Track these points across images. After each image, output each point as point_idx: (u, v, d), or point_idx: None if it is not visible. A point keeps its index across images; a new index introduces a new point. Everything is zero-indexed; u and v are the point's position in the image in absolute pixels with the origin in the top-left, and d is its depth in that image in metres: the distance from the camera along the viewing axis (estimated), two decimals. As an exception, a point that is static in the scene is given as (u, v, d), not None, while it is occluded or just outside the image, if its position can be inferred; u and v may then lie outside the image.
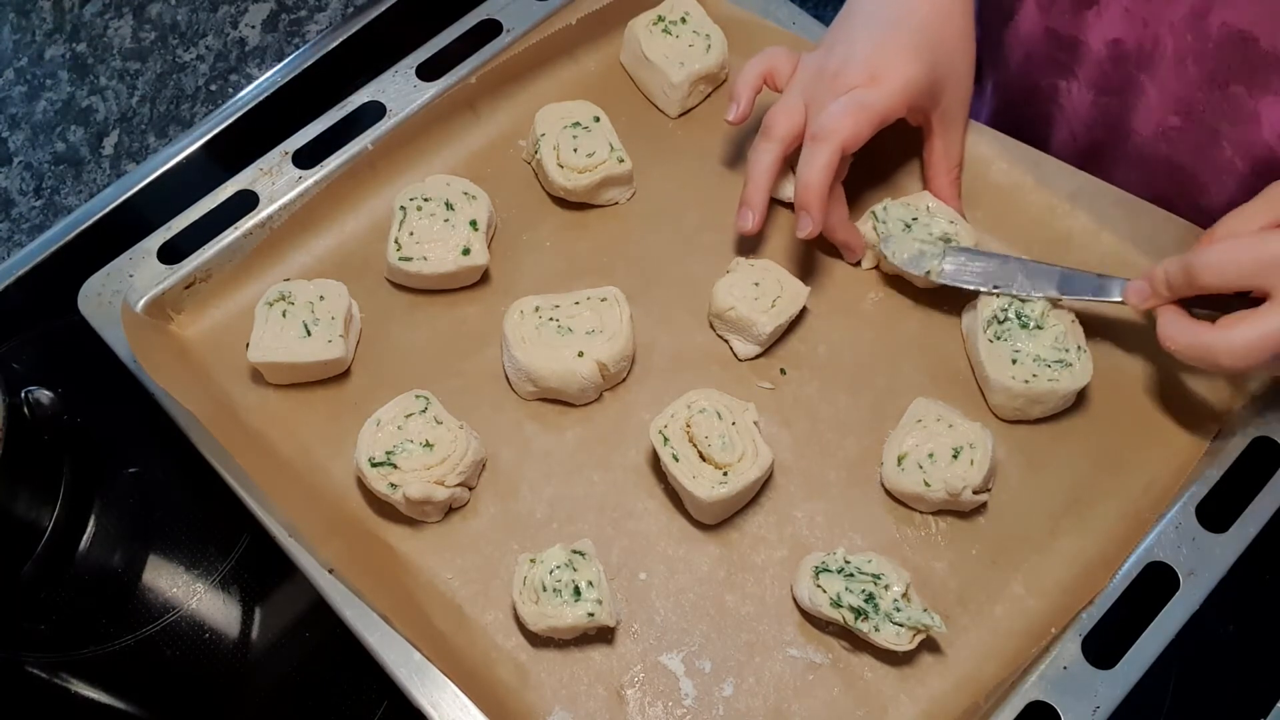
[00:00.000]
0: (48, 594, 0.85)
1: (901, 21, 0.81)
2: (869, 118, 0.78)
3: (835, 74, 0.80)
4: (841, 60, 0.80)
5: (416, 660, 0.71)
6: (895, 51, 0.80)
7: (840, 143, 0.77)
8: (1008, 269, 0.82)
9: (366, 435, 0.77)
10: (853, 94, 0.78)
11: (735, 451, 0.76)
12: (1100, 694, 0.69)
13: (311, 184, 0.89)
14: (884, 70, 0.79)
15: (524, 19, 0.96)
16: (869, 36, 0.81)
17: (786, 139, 0.81)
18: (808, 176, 0.78)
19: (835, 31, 0.85)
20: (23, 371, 0.93)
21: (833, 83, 0.80)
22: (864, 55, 0.80)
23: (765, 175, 0.82)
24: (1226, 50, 0.78)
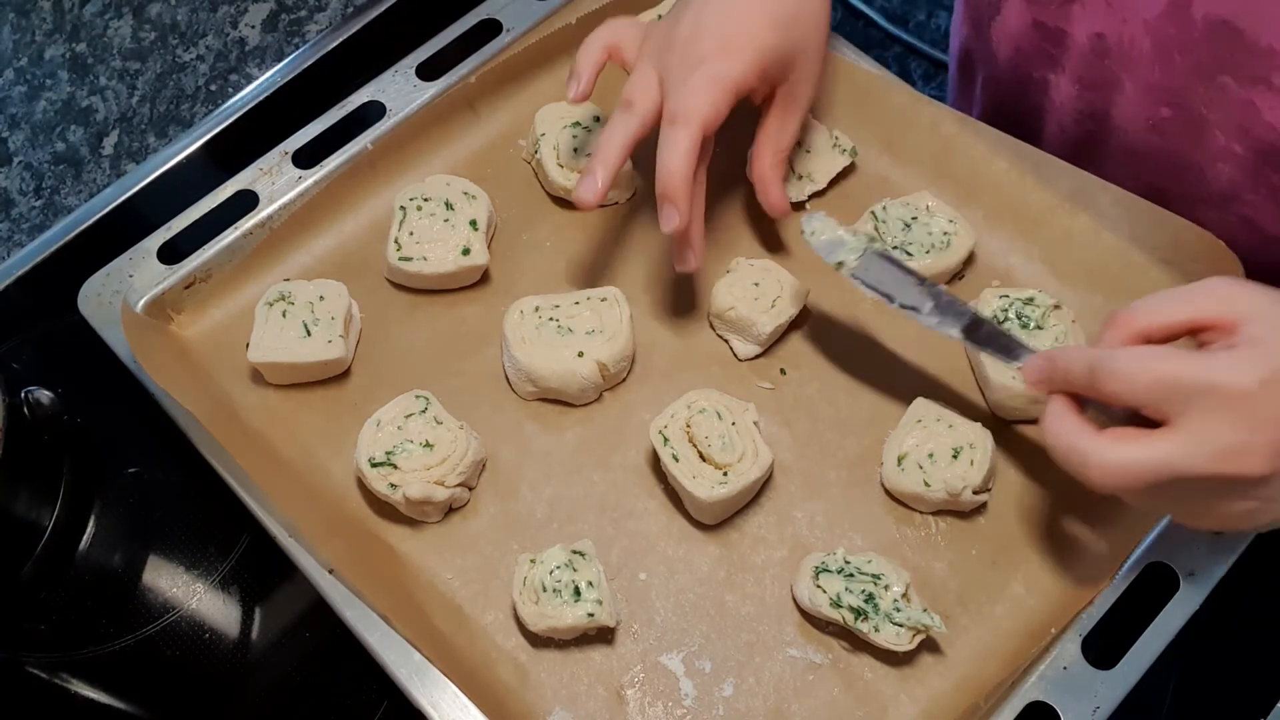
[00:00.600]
0: (48, 594, 0.85)
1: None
2: (724, 92, 0.74)
3: (686, 43, 0.75)
4: (691, 28, 0.76)
5: (416, 660, 0.71)
6: (748, 18, 0.76)
7: (700, 123, 0.73)
8: (920, 293, 0.76)
9: (366, 435, 0.77)
10: (705, 68, 0.74)
11: (735, 452, 0.76)
12: (1100, 694, 0.69)
13: (311, 184, 0.89)
14: (736, 38, 0.75)
15: (524, 18, 0.96)
16: (720, 3, 0.77)
17: (647, 115, 0.77)
18: (670, 163, 0.73)
19: (681, 1, 0.79)
20: (22, 371, 0.93)
21: (684, 52, 0.75)
22: (715, 22, 0.75)
23: (618, 148, 0.76)
24: (1212, 41, 0.76)
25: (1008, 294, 0.82)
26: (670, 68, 0.76)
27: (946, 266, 0.85)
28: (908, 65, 1.94)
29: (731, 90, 0.75)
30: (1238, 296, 0.60)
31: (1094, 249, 0.85)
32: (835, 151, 0.91)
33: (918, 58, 1.94)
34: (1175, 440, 0.58)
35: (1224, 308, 0.60)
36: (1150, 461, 0.58)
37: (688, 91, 0.74)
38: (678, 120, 0.74)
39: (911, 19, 1.98)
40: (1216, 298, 0.61)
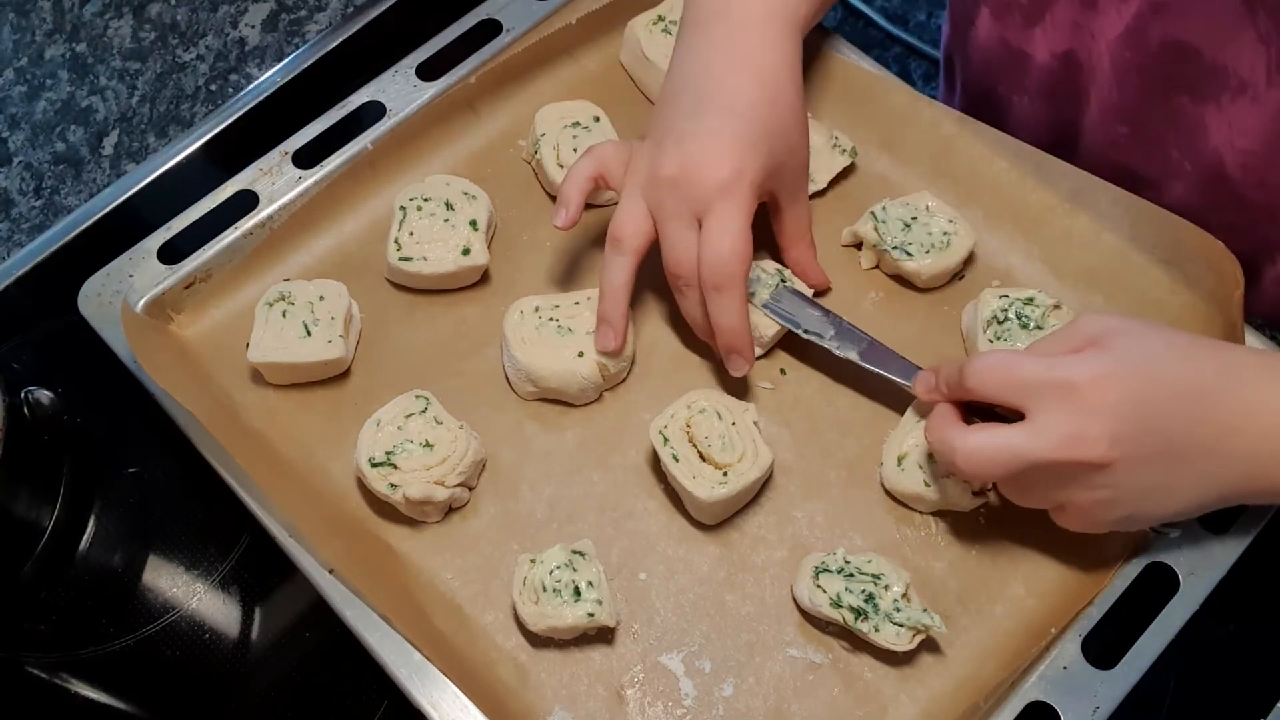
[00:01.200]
0: (47, 594, 0.85)
1: (728, 109, 0.76)
2: (744, 239, 0.75)
3: (674, 181, 0.75)
4: (675, 164, 0.75)
5: (416, 660, 0.71)
6: (728, 147, 0.75)
7: (741, 282, 0.75)
8: (823, 322, 0.81)
9: (366, 435, 0.77)
10: (713, 224, 0.74)
11: (735, 452, 0.76)
12: (1100, 694, 0.69)
13: (311, 184, 0.89)
14: (727, 178, 0.74)
15: (524, 19, 0.96)
16: (697, 131, 0.76)
17: (639, 249, 0.78)
18: (732, 325, 0.76)
19: (661, 122, 0.79)
20: (22, 371, 0.93)
21: (674, 191, 0.75)
22: (700, 161, 0.75)
23: (622, 290, 0.78)
24: (1168, 62, 0.78)
25: (1008, 294, 0.82)
26: (665, 210, 0.76)
27: (946, 266, 0.85)
28: (908, 65, 1.94)
29: (747, 232, 0.76)
30: (1105, 320, 0.66)
31: (1094, 249, 0.85)
32: (835, 151, 0.91)
33: (918, 58, 1.94)
34: (1025, 428, 0.64)
35: (1093, 328, 0.66)
36: (1004, 446, 0.64)
37: (716, 254, 0.74)
38: (723, 288, 0.75)
39: (911, 19, 1.98)
40: (1085, 326, 0.67)
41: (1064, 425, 0.63)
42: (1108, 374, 0.63)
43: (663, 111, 0.80)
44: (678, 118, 0.78)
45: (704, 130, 0.76)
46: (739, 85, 0.78)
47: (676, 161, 0.76)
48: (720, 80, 0.78)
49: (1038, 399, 0.64)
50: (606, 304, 0.79)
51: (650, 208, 0.78)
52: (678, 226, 0.76)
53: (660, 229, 0.77)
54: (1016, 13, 0.87)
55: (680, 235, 0.76)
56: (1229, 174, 0.80)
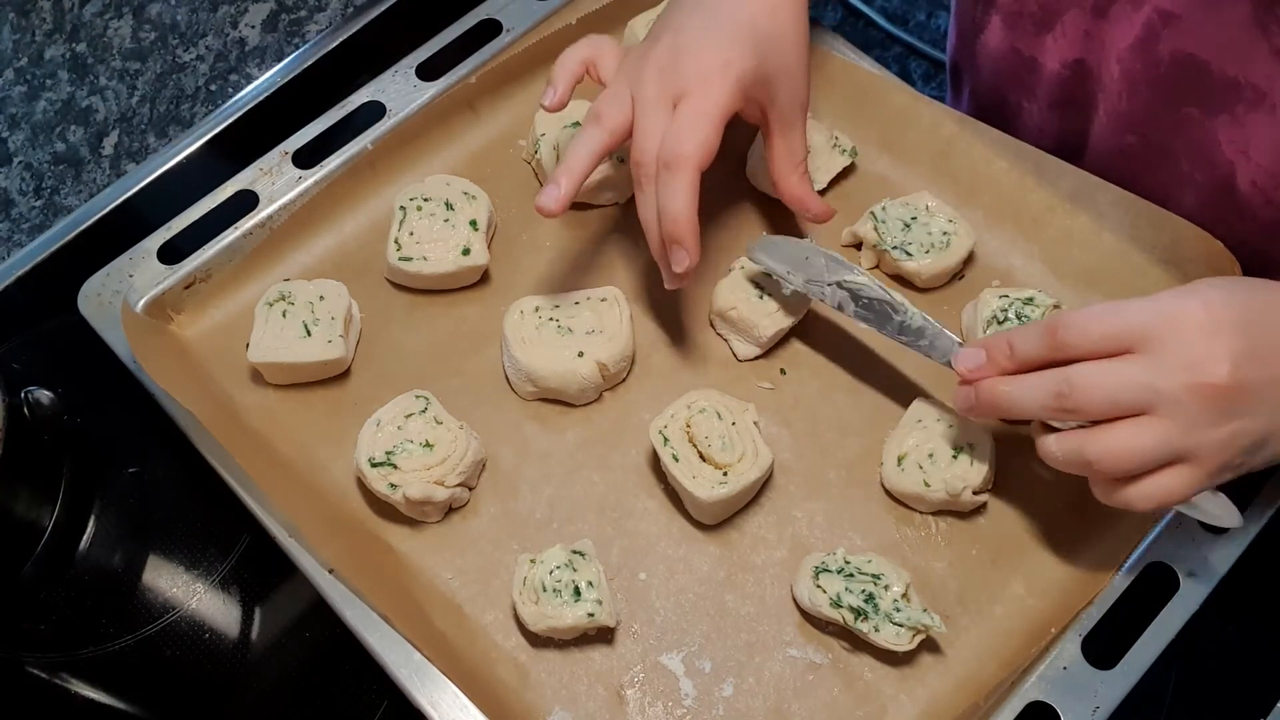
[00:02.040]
0: (47, 594, 0.85)
1: (729, 13, 0.77)
2: (712, 127, 0.74)
3: (663, 68, 0.75)
4: (668, 53, 0.75)
5: (416, 660, 0.71)
6: (724, 44, 0.75)
7: (696, 165, 0.73)
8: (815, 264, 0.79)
9: (366, 435, 0.77)
10: (688, 104, 0.74)
11: (735, 452, 0.76)
12: (1100, 694, 0.69)
13: (311, 184, 0.89)
14: (713, 65, 0.74)
15: (524, 19, 0.96)
16: (695, 26, 0.76)
17: (616, 131, 0.76)
18: (675, 209, 0.73)
19: (662, 21, 0.80)
20: (22, 372, 0.93)
21: (661, 77, 0.75)
22: (691, 48, 0.75)
23: (584, 160, 0.76)
24: (1178, 75, 0.78)
25: (1008, 294, 0.82)
26: (645, 91, 0.75)
27: (946, 266, 0.85)
28: (908, 65, 1.94)
29: (717, 124, 0.74)
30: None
31: (1094, 249, 0.85)
32: (835, 151, 0.91)
33: (918, 58, 1.94)
34: (1141, 360, 0.61)
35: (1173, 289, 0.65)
36: (1129, 385, 0.61)
37: (676, 134, 0.73)
38: (673, 166, 0.73)
39: (911, 19, 1.98)
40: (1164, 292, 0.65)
41: (1182, 352, 0.61)
42: (1211, 297, 0.62)
43: (663, 16, 0.80)
44: (677, 17, 0.78)
45: (700, 24, 0.76)
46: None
47: (668, 50, 0.75)
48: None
49: (1149, 336, 0.62)
50: (561, 168, 0.75)
51: (633, 93, 0.76)
52: (654, 110, 0.74)
53: (636, 112, 0.75)
54: (1028, 21, 0.87)
55: (652, 118, 0.74)
56: (1239, 188, 0.79)
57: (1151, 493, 0.64)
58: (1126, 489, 0.65)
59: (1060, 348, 0.65)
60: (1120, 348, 0.62)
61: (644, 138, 0.75)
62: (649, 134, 0.74)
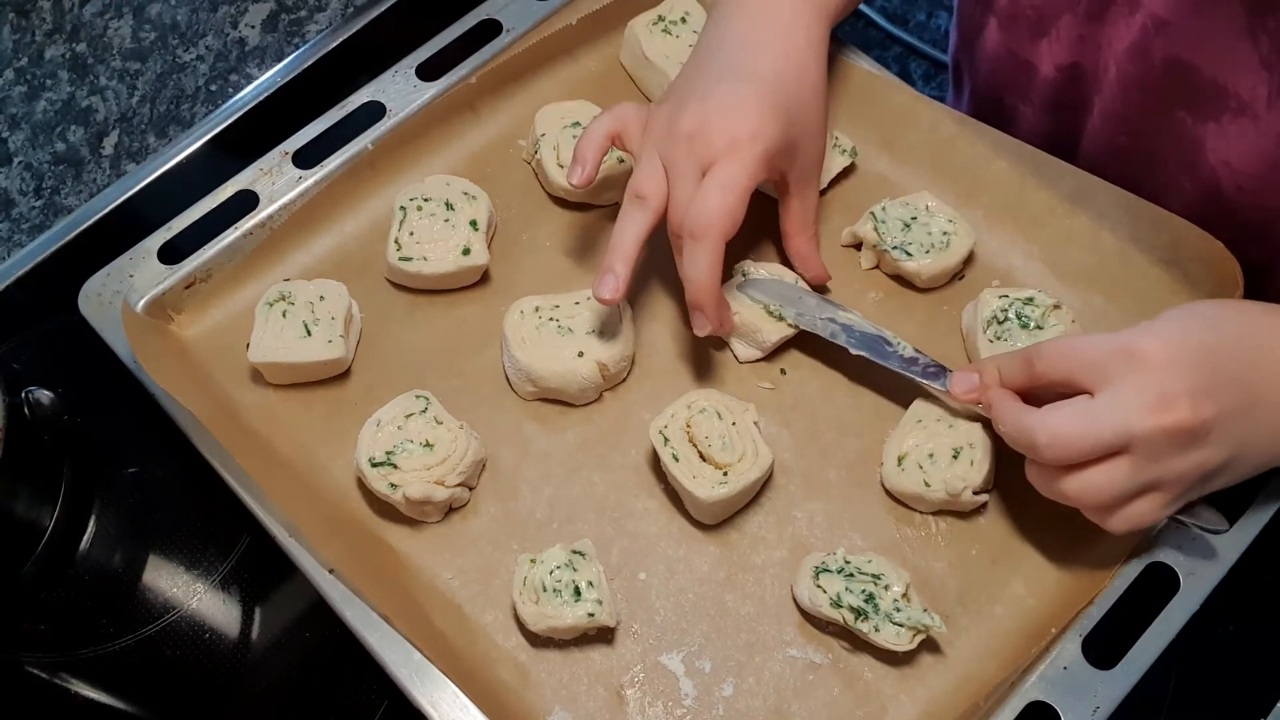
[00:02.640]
0: (48, 594, 0.85)
1: (755, 75, 0.77)
2: (738, 199, 0.74)
3: (691, 138, 0.75)
4: (696, 122, 0.75)
5: (416, 660, 0.71)
6: (750, 110, 0.75)
7: (721, 236, 0.74)
8: (827, 310, 0.82)
9: (366, 435, 0.77)
10: (716, 175, 0.74)
11: (735, 452, 0.76)
12: (1100, 694, 0.69)
13: (311, 184, 0.89)
14: (741, 136, 0.74)
15: (524, 19, 0.96)
16: (722, 92, 0.76)
17: (659, 208, 0.77)
18: (699, 278, 0.74)
19: (685, 83, 0.80)
20: (23, 372, 0.93)
21: (690, 147, 0.75)
22: (719, 116, 0.75)
23: (633, 244, 0.76)
24: (1169, 78, 0.79)
25: (1007, 294, 0.82)
26: (677, 161, 0.76)
27: (946, 266, 0.85)
28: (908, 65, 1.94)
29: (742, 196, 0.75)
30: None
31: (1094, 249, 0.85)
32: (835, 152, 0.91)
33: (918, 58, 1.94)
34: (1103, 398, 0.64)
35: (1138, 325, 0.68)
36: (1088, 420, 0.64)
37: (703, 204, 0.74)
38: (698, 235, 0.74)
39: (911, 19, 1.98)
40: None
41: (1143, 391, 0.63)
42: (1169, 332, 0.65)
43: (689, 74, 0.81)
44: (704, 79, 0.78)
45: (728, 91, 0.77)
46: (768, 56, 0.79)
47: (697, 117, 0.76)
48: (750, 50, 0.79)
49: (1109, 373, 0.64)
50: (615, 255, 0.76)
51: (664, 162, 0.77)
52: (686, 180, 0.75)
53: (670, 182, 0.76)
54: (1023, 24, 0.88)
55: (685, 188, 0.75)
56: (1225, 193, 0.80)
57: (1126, 519, 0.68)
58: (1103, 516, 0.68)
59: (1036, 378, 0.70)
60: (1088, 382, 0.66)
61: (676, 208, 0.76)
62: (681, 204, 0.75)
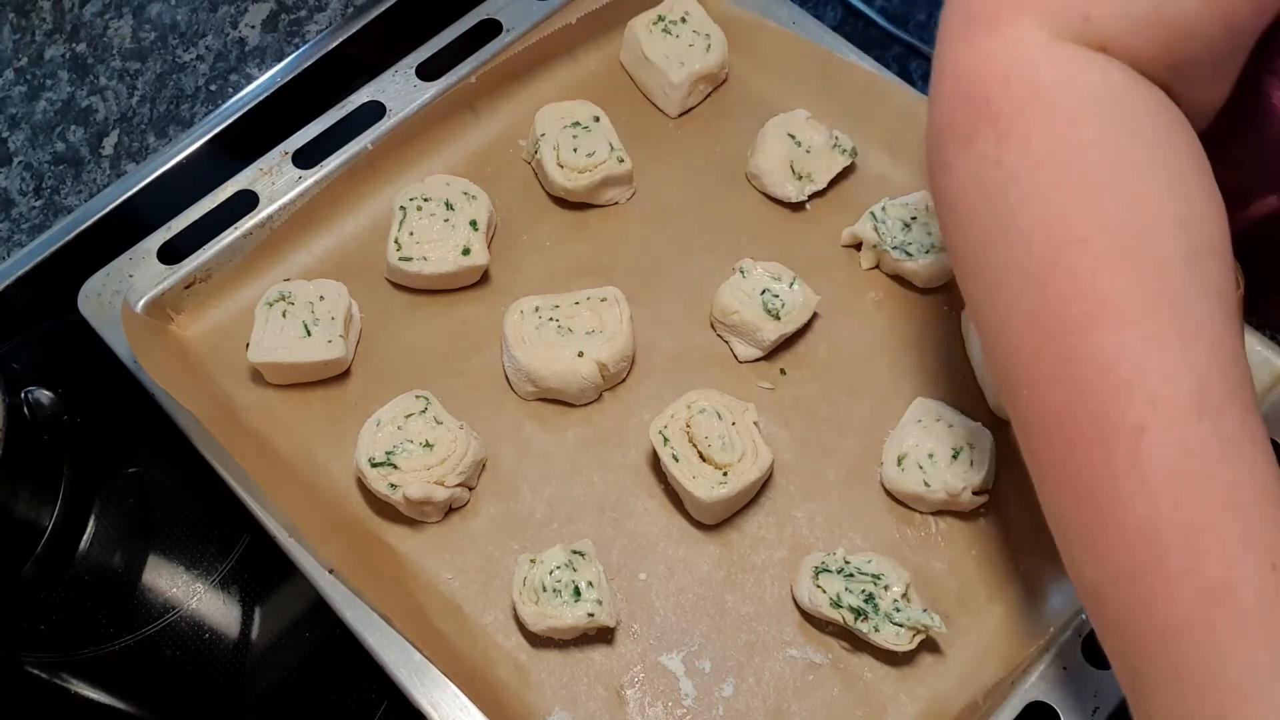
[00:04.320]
0: (47, 594, 0.85)
1: None
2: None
3: None
4: None
5: (416, 660, 0.71)
6: None
7: None
8: None
9: (366, 435, 0.77)
10: None
11: (735, 452, 0.76)
12: (1100, 694, 0.69)
13: (311, 184, 0.89)
14: None
15: (524, 19, 0.96)
16: None
17: None
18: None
19: None
20: (22, 371, 0.93)
21: None
22: None
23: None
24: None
25: (1008, 294, 0.82)
26: None
27: (946, 266, 0.85)
28: (908, 65, 1.94)
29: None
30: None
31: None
32: (835, 151, 0.91)
33: (918, 58, 1.94)
34: None
35: None
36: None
37: None
38: None
39: (912, 19, 1.98)
40: None
41: None
42: None
43: None
44: None
45: None
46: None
47: None
48: None
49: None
50: None
51: None
52: None
53: None
54: None
55: None
56: None
57: None
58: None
59: None
60: None
61: None
62: None
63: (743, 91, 0.97)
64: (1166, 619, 0.51)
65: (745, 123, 0.94)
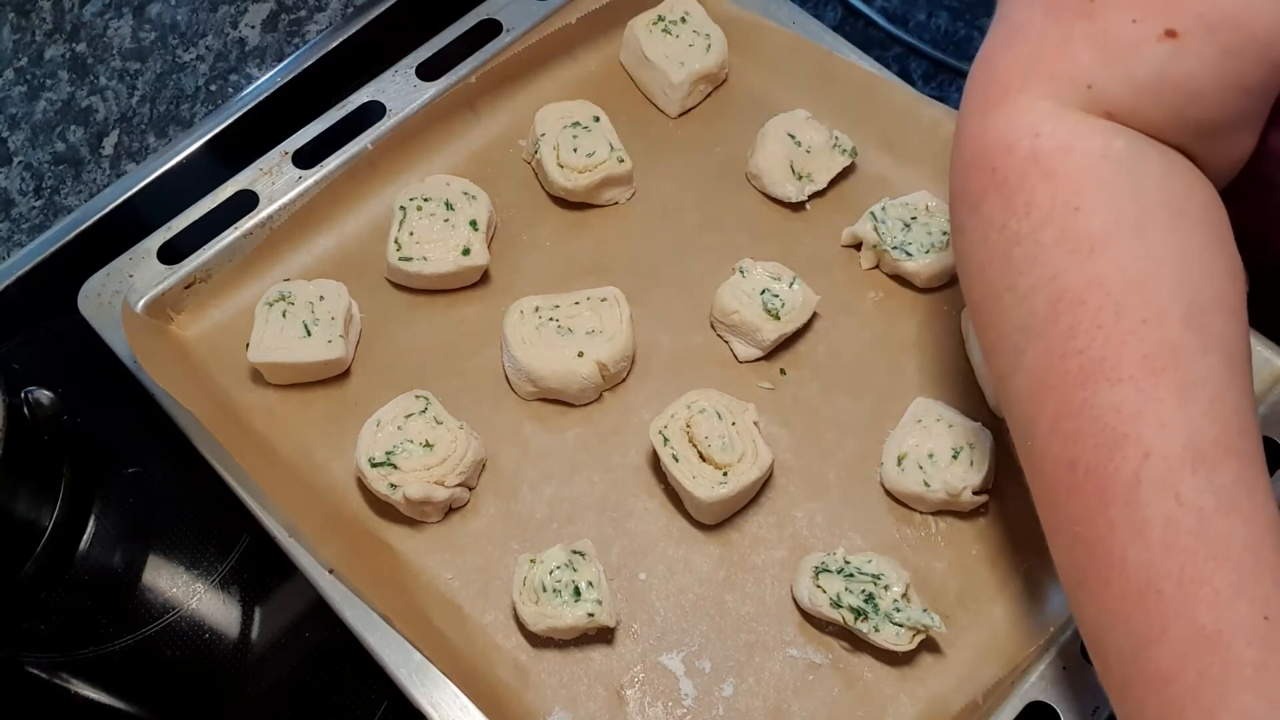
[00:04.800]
0: (47, 594, 0.85)
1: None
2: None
3: None
4: None
5: (416, 660, 0.71)
6: None
7: None
8: None
9: (366, 435, 0.77)
10: None
11: (735, 452, 0.76)
12: (1100, 694, 0.68)
13: (311, 184, 0.89)
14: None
15: (524, 18, 0.96)
16: None
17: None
18: None
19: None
20: (23, 371, 0.93)
21: None
22: None
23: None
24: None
25: (1008, 294, 0.82)
26: None
27: (946, 266, 0.85)
28: (908, 65, 1.94)
29: None
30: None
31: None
32: (835, 151, 0.91)
33: (918, 58, 1.94)
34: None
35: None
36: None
37: None
38: None
39: (911, 19, 1.98)
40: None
41: None
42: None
43: None
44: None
45: None
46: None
47: None
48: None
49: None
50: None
51: None
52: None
53: None
54: None
55: None
56: None
57: None
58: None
59: None
60: None
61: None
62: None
63: (743, 91, 0.97)
64: (1160, 665, 0.52)
65: (745, 123, 0.94)
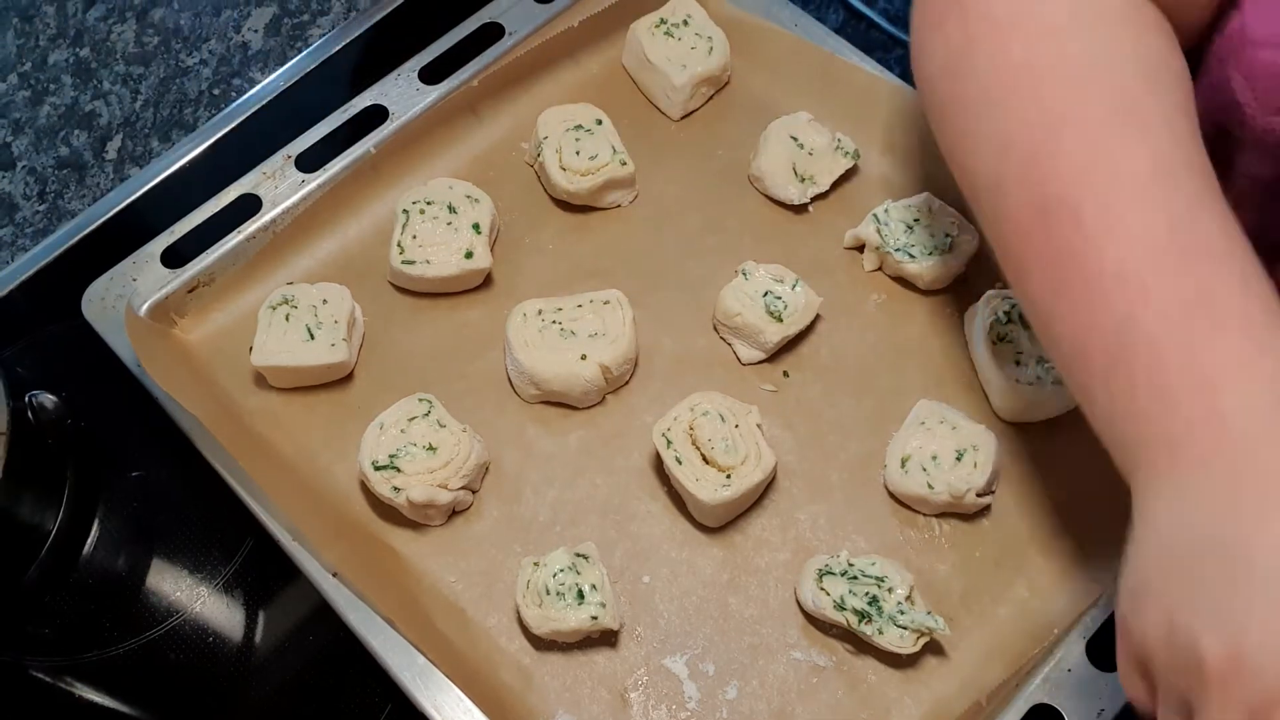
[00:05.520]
0: (51, 598, 0.85)
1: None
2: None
3: (1223, 677, 0.49)
4: (1228, 659, 0.49)
5: (420, 664, 0.71)
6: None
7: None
8: None
9: (369, 439, 0.77)
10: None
11: (738, 454, 0.76)
12: (1105, 696, 0.69)
13: (314, 187, 0.89)
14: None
15: (526, 22, 0.96)
16: (1254, 608, 0.49)
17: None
18: None
19: (1174, 590, 0.53)
20: (26, 376, 0.93)
21: (1222, 689, 0.49)
22: (1262, 653, 0.48)
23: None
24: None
25: (1009, 295, 0.82)
26: (1209, 710, 0.51)
27: (949, 268, 0.85)
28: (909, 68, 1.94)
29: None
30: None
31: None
32: (837, 154, 0.91)
33: (920, 60, 1.94)
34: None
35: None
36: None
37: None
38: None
39: (913, 21, 1.98)
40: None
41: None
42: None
43: (1173, 576, 0.54)
44: (1210, 590, 0.52)
45: (1248, 604, 0.50)
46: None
47: (1226, 652, 0.50)
48: (1257, 527, 0.51)
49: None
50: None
51: (1161, 694, 0.54)
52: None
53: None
54: None
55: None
56: None
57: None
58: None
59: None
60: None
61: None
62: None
63: (745, 94, 0.97)
64: (1148, 329, 0.55)
65: (747, 125, 0.94)
